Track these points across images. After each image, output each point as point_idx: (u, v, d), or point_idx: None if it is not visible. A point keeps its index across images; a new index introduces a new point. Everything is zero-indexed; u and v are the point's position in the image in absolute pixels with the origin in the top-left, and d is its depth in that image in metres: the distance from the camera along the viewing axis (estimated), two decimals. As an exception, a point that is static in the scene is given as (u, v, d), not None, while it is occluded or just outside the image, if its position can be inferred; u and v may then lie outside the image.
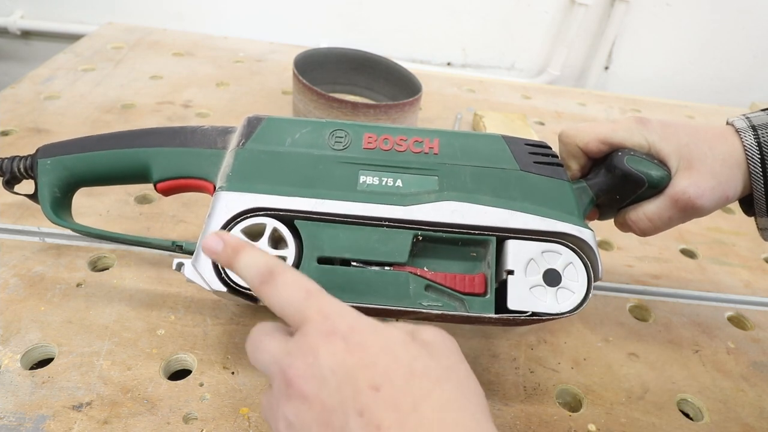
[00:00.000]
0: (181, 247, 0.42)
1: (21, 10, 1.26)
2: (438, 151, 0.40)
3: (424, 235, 0.37)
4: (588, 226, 0.38)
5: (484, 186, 0.39)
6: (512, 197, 0.38)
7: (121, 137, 0.43)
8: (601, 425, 0.42)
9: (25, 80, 0.80)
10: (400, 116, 0.72)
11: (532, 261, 0.36)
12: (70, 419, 0.37)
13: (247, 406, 0.40)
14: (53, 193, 0.43)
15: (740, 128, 0.40)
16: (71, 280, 0.48)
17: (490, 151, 0.40)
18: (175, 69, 0.90)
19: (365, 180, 0.39)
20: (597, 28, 1.30)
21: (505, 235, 0.37)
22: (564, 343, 0.49)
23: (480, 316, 0.36)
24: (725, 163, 0.39)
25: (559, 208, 0.38)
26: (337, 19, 1.27)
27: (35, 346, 0.42)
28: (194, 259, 0.37)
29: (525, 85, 1.11)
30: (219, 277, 0.36)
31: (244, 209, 0.37)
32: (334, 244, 0.37)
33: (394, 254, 0.37)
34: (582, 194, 0.41)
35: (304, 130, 0.40)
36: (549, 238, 0.37)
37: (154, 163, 0.42)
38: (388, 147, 0.39)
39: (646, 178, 0.39)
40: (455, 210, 0.37)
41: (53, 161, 0.43)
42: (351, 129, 0.40)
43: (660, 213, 0.40)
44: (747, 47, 1.31)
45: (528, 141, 0.41)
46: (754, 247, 0.67)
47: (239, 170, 0.39)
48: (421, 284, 0.36)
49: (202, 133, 0.42)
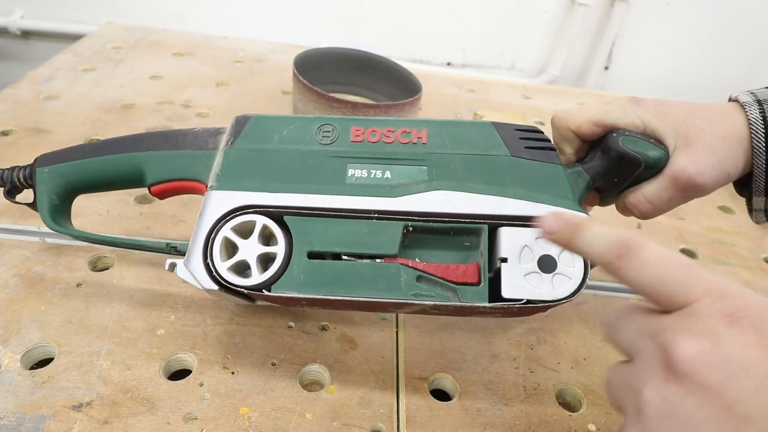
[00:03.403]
0: (176, 248, 0.42)
1: (21, 10, 1.26)
2: (426, 140, 0.39)
3: (415, 225, 0.37)
4: (584, 210, 0.37)
5: (474, 174, 0.38)
6: (504, 183, 0.38)
7: (115, 143, 0.43)
8: (601, 425, 0.42)
9: (25, 80, 0.80)
10: (400, 116, 0.73)
11: (526, 248, 0.36)
12: (70, 419, 0.37)
13: (247, 406, 0.40)
14: (51, 201, 0.44)
15: (745, 102, 0.38)
16: (71, 280, 0.48)
17: (480, 138, 0.39)
18: (175, 69, 0.90)
19: (354, 173, 0.38)
20: (597, 28, 1.30)
21: (497, 222, 0.37)
22: (564, 343, 0.49)
23: (473, 305, 0.35)
24: (725, 140, 0.37)
25: (553, 193, 0.38)
26: (337, 19, 1.27)
27: (35, 346, 0.42)
28: (186, 258, 0.37)
29: (525, 85, 1.11)
30: (210, 275, 0.36)
31: (234, 207, 0.37)
32: (324, 239, 0.37)
33: (384, 246, 0.36)
34: (578, 178, 0.39)
35: (291, 127, 0.40)
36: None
37: (147, 167, 0.42)
38: (376, 139, 0.39)
39: (643, 158, 0.38)
40: (446, 199, 0.37)
41: (50, 170, 0.43)
42: (338, 123, 0.40)
43: (660, 194, 0.39)
44: (747, 47, 1.31)
45: (519, 126, 0.40)
46: (754, 247, 0.67)
47: (228, 169, 0.39)
48: (413, 275, 0.36)
49: (194, 136, 0.42)
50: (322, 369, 0.44)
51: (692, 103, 0.39)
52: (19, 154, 0.63)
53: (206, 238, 0.37)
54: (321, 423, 0.39)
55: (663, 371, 0.23)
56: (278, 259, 0.36)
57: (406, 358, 0.46)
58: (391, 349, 0.46)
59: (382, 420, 0.40)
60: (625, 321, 0.26)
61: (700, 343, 0.22)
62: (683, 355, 0.22)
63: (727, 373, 0.21)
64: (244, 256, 0.36)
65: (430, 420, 0.41)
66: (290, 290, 0.36)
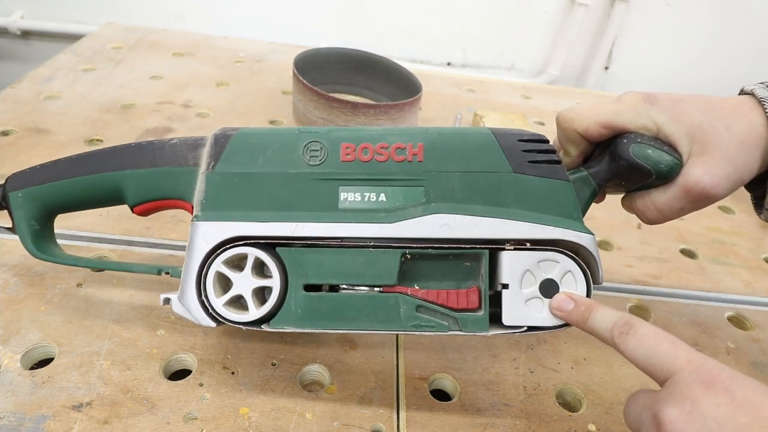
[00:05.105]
0: (168, 272, 0.41)
1: (21, 10, 1.26)
2: (422, 157, 0.36)
3: (413, 252, 0.36)
4: (588, 230, 0.36)
5: (474, 193, 0.36)
6: (505, 204, 0.36)
7: (89, 160, 0.41)
8: (601, 425, 0.42)
9: (25, 80, 0.80)
10: (400, 116, 0.72)
11: (528, 272, 0.35)
12: (70, 419, 0.37)
13: (247, 406, 0.40)
14: (31, 227, 0.42)
15: (763, 98, 0.36)
16: (71, 280, 0.48)
17: (480, 152, 0.36)
18: (175, 69, 0.90)
19: (346, 197, 0.36)
20: (597, 28, 1.30)
21: (498, 246, 0.36)
22: (564, 343, 0.49)
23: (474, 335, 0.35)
24: (743, 145, 0.35)
25: (557, 212, 0.36)
26: (337, 19, 1.27)
27: (35, 346, 0.42)
28: (180, 294, 0.36)
29: (525, 85, 1.11)
30: (207, 312, 0.36)
31: (223, 240, 0.36)
32: (319, 271, 0.35)
33: (382, 277, 0.35)
34: (582, 186, 0.38)
35: (276, 146, 0.37)
36: (545, 247, 0.35)
37: (126, 187, 0.40)
38: (368, 157, 0.36)
39: (654, 169, 0.36)
40: (444, 223, 0.35)
41: (24, 194, 0.41)
42: (326, 140, 0.37)
43: (671, 204, 0.37)
44: (747, 47, 1.31)
45: (522, 136, 0.37)
46: (754, 247, 0.67)
47: (212, 197, 0.37)
48: (412, 305, 0.35)
49: (171, 149, 0.39)
50: (322, 369, 0.44)
51: (709, 99, 0.37)
52: (19, 154, 0.63)
53: (198, 273, 0.36)
54: (321, 423, 0.39)
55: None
56: (274, 293, 0.35)
57: (406, 358, 0.46)
58: (391, 349, 0.46)
59: (382, 420, 0.40)
60: (633, 402, 0.30)
61: (681, 406, 0.26)
62: (669, 418, 0.26)
63: (704, 429, 0.25)
64: (239, 291, 0.36)
65: (430, 420, 0.41)
66: (289, 325, 0.35)
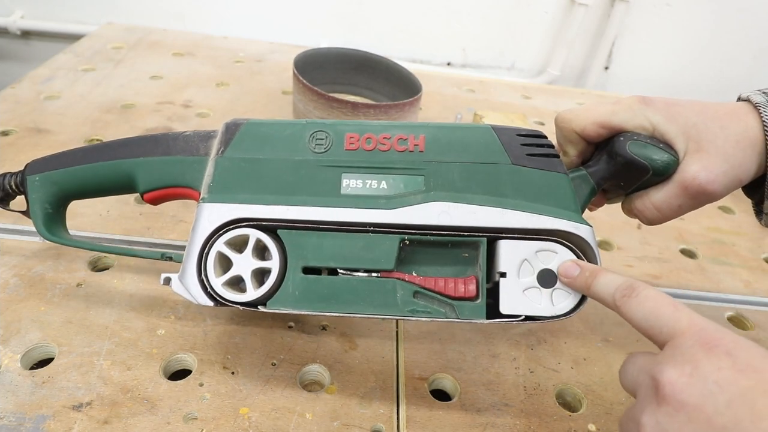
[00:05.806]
0: (171, 257, 0.42)
1: (21, 10, 1.26)
2: (423, 148, 0.37)
3: (412, 238, 0.36)
4: (586, 222, 0.36)
5: (473, 183, 0.37)
6: (504, 194, 0.36)
7: (105, 149, 0.43)
8: (601, 425, 0.42)
9: (25, 80, 0.80)
10: (400, 116, 0.72)
11: (526, 262, 0.35)
12: (70, 419, 0.37)
13: (247, 406, 0.40)
14: (45, 210, 0.43)
15: (759, 103, 0.36)
16: (71, 280, 0.48)
17: (480, 145, 0.37)
18: (175, 69, 0.90)
19: (348, 183, 0.37)
20: (597, 28, 1.30)
21: (496, 235, 0.36)
22: (564, 343, 0.49)
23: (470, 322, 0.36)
24: (738, 144, 0.35)
25: (555, 204, 0.36)
26: (337, 19, 1.27)
27: (35, 346, 0.42)
28: (181, 273, 0.36)
29: (525, 85, 1.11)
30: (205, 291, 0.36)
31: (227, 221, 0.37)
32: (319, 253, 0.36)
33: (380, 261, 0.36)
34: (581, 184, 0.38)
35: (283, 134, 0.39)
36: (543, 237, 0.36)
37: (138, 173, 0.41)
38: (371, 147, 0.38)
39: (651, 165, 0.36)
40: (443, 211, 0.36)
41: (41, 177, 0.43)
42: (331, 130, 0.38)
43: (669, 201, 0.37)
44: (747, 47, 1.31)
45: (520, 131, 0.38)
46: (754, 247, 0.67)
47: (220, 180, 0.38)
48: (410, 291, 0.36)
49: (184, 140, 0.41)
50: (322, 369, 0.44)
51: (704, 103, 0.38)
52: (19, 154, 0.63)
53: (200, 253, 0.37)
54: (321, 423, 0.39)
55: (654, 397, 0.26)
56: (273, 274, 0.36)
57: (406, 358, 0.46)
58: (391, 349, 0.46)
59: (382, 420, 0.40)
60: (630, 364, 0.30)
61: (682, 368, 0.26)
62: (668, 379, 0.26)
63: (705, 392, 0.24)
64: (239, 272, 0.36)
65: (430, 420, 0.41)
66: (285, 306, 0.36)
